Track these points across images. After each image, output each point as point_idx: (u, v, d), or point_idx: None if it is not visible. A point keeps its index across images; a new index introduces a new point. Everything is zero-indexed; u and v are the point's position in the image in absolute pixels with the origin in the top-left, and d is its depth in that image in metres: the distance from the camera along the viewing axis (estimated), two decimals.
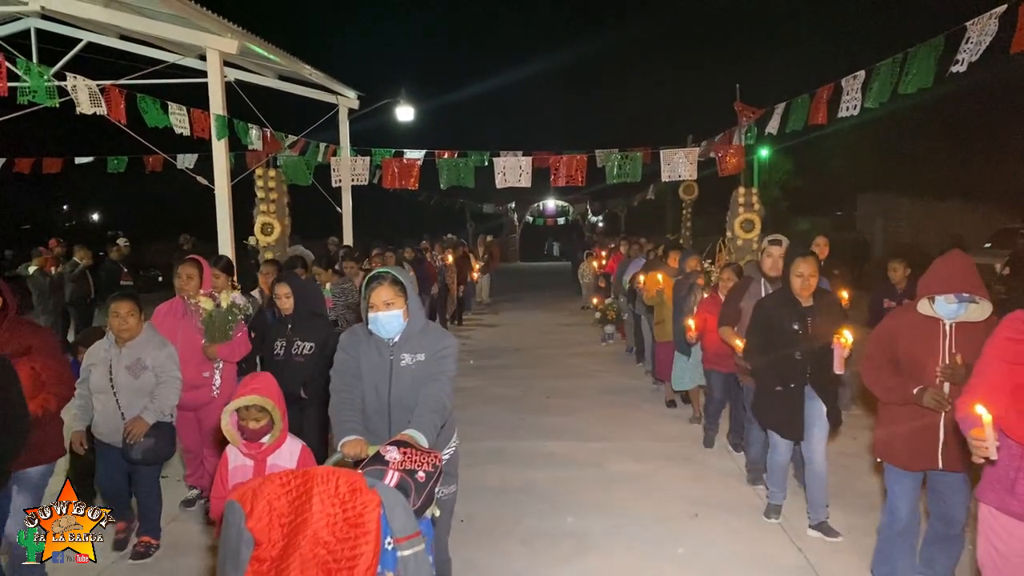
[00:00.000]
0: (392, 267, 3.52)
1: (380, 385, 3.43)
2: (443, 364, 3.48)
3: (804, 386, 4.62)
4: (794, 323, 4.54)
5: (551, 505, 5.39)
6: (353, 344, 3.51)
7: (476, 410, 8.09)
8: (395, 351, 3.43)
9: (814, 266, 4.54)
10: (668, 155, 9.70)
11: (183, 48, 9.95)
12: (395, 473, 2.71)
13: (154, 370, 4.51)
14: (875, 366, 3.85)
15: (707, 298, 6.45)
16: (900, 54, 5.89)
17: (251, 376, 3.44)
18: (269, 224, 9.68)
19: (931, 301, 3.63)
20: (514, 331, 14.31)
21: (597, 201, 36.66)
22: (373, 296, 3.35)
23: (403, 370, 3.41)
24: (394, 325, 3.39)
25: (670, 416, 7.75)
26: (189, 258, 5.30)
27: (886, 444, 3.88)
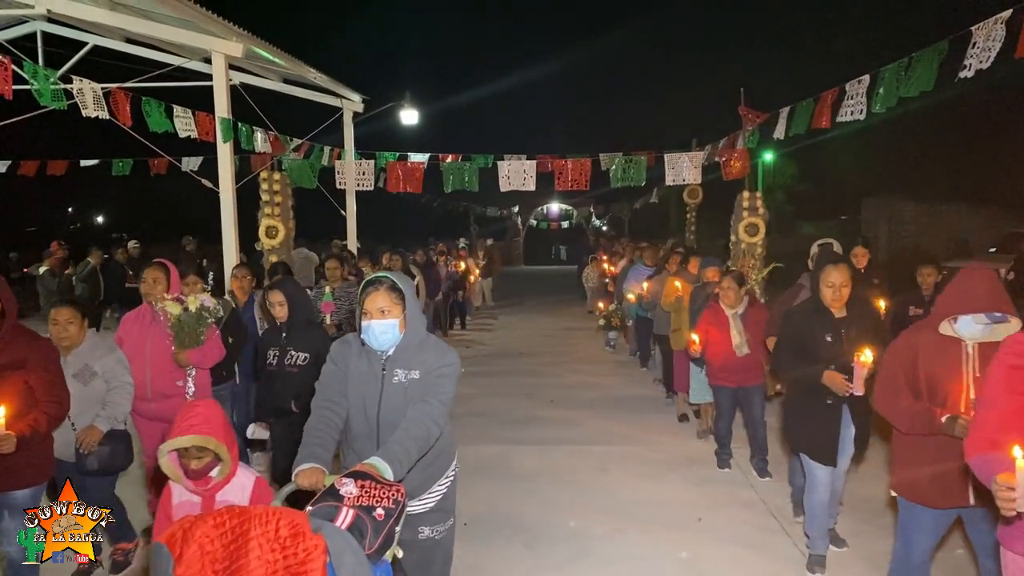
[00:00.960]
0: (392, 272, 3.21)
1: (368, 403, 3.10)
2: (439, 385, 3.08)
3: (842, 404, 4.19)
4: (827, 335, 4.15)
5: (554, 509, 5.38)
6: (343, 355, 3.18)
7: (480, 413, 8.10)
8: (388, 365, 3.10)
9: (847, 275, 4.14)
10: (672, 159, 9.69)
11: (188, 51, 9.97)
12: (349, 511, 2.40)
13: (104, 376, 4.32)
14: (893, 390, 3.44)
15: (708, 308, 6.16)
16: (905, 59, 5.88)
17: (188, 407, 3.02)
18: (274, 227, 9.70)
19: (953, 321, 3.29)
20: (518, 335, 14.31)
21: (601, 205, 36.67)
22: (368, 302, 3.03)
23: (395, 388, 3.07)
24: (388, 336, 3.05)
25: (674, 421, 7.73)
26: (155, 261, 5.05)
27: (908, 480, 3.45)
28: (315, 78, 11.63)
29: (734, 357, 5.82)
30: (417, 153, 11.58)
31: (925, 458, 3.33)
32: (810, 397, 4.23)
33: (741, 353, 5.78)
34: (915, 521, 3.47)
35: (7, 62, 7.45)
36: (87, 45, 10.49)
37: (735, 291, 5.93)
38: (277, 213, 9.78)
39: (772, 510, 5.28)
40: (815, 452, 4.27)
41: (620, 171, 9.74)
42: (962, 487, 3.23)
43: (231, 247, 9.00)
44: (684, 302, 7.23)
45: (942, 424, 3.20)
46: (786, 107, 8.17)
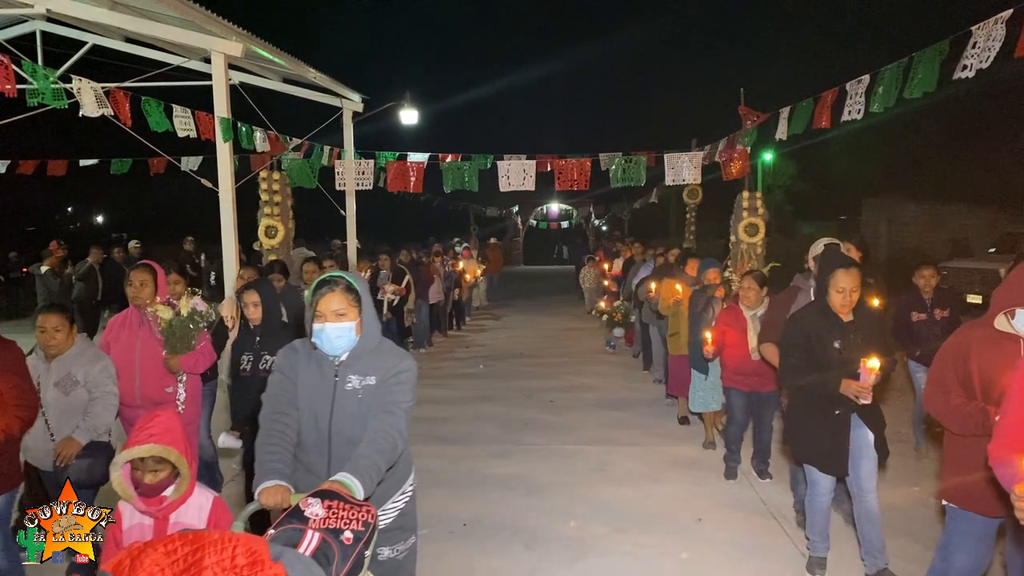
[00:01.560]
0: (346, 272, 3.00)
1: (320, 412, 2.88)
2: (398, 392, 2.90)
3: (851, 413, 3.97)
4: (835, 340, 3.93)
5: (554, 509, 5.38)
6: (291, 363, 2.96)
7: (479, 414, 8.10)
8: (341, 371, 2.89)
9: (857, 279, 3.90)
10: (672, 159, 9.67)
11: (188, 51, 9.96)
12: (315, 534, 2.23)
13: (87, 385, 4.15)
14: (944, 391, 3.28)
15: (726, 309, 5.99)
16: (905, 59, 5.87)
17: (148, 416, 2.85)
18: (273, 227, 9.69)
19: (1010, 316, 3.11)
20: (517, 335, 14.30)
21: (601, 205, 36.67)
22: (321, 304, 2.82)
23: (348, 395, 2.87)
24: (344, 340, 2.85)
25: (675, 423, 7.72)
26: (141, 264, 4.89)
27: (958, 485, 3.25)
28: (315, 78, 11.63)
29: (749, 360, 5.63)
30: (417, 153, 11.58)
31: (979, 461, 3.06)
32: (817, 407, 4.04)
33: (757, 356, 5.52)
34: (959, 533, 3.26)
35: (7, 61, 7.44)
36: (87, 44, 10.49)
37: (756, 291, 5.70)
38: (276, 213, 9.77)
39: (772, 511, 5.28)
40: (824, 464, 4.08)
41: (620, 171, 9.73)
42: None
43: (230, 247, 8.98)
44: (683, 306, 7.06)
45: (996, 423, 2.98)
46: (786, 107, 8.16)
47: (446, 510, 5.36)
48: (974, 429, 3.13)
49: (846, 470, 4.04)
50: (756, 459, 5.99)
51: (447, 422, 7.79)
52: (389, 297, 8.92)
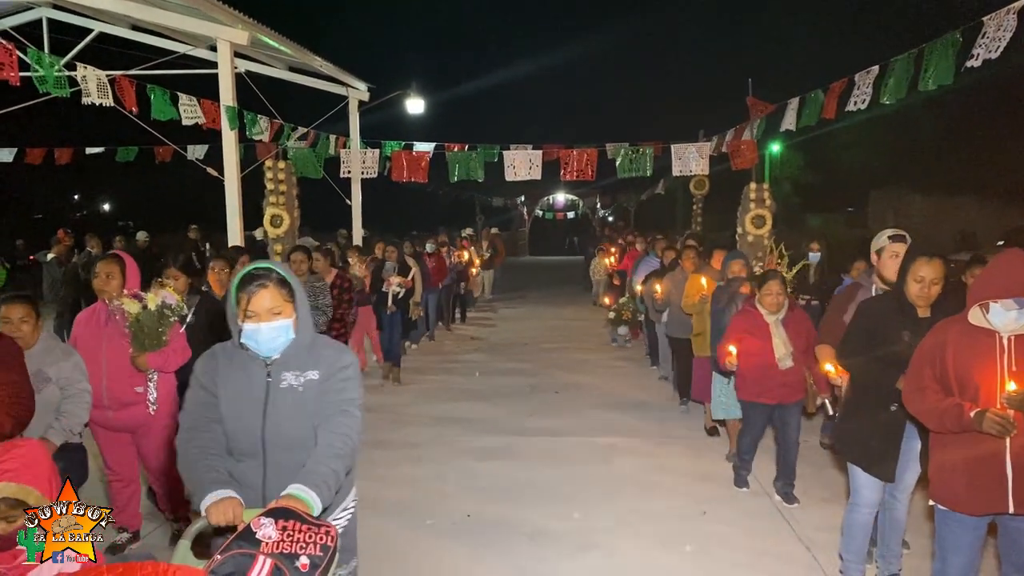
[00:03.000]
0: (275, 263, 2.69)
1: (251, 417, 2.57)
2: (348, 389, 2.65)
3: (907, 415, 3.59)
4: (905, 332, 3.62)
5: (557, 501, 5.36)
6: (210, 373, 2.64)
7: (484, 405, 8.09)
8: (274, 370, 2.61)
9: (940, 271, 3.59)
10: (679, 149, 9.64)
11: (194, 39, 9.95)
12: (267, 560, 2.04)
13: (59, 383, 3.91)
14: (919, 386, 3.21)
15: (741, 313, 5.33)
16: (915, 49, 5.82)
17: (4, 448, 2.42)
18: (278, 216, 9.68)
19: (985, 310, 3.04)
20: (523, 326, 14.28)
21: (607, 195, 36.61)
22: (254, 302, 2.52)
23: (283, 393, 2.59)
24: (280, 340, 2.58)
25: (678, 414, 7.70)
26: (109, 254, 4.60)
27: (942, 484, 3.20)
28: (321, 66, 11.61)
29: (775, 371, 5.02)
30: (423, 142, 11.57)
31: (959, 459, 3.10)
32: (872, 404, 3.78)
33: (784, 366, 4.98)
34: (953, 531, 3.20)
35: (12, 48, 7.43)
36: (93, 32, 10.47)
37: (781, 294, 5.09)
38: (282, 202, 9.76)
39: (777, 504, 5.25)
40: (871, 465, 3.80)
41: (627, 162, 9.69)
42: (999, 490, 3.03)
43: (236, 236, 8.99)
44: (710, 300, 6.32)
45: (971, 419, 2.94)
46: (794, 98, 8.12)
47: (449, 501, 5.36)
48: (951, 425, 3.06)
49: (893, 475, 3.77)
50: (780, 481, 5.37)
51: (450, 413, 7.79)
52: (395, 289, 8.82)
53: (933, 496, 3.26)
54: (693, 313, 6.69)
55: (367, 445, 6.65)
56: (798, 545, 4.64)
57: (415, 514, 5.14)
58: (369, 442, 6.75)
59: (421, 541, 4.75)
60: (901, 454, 3.75)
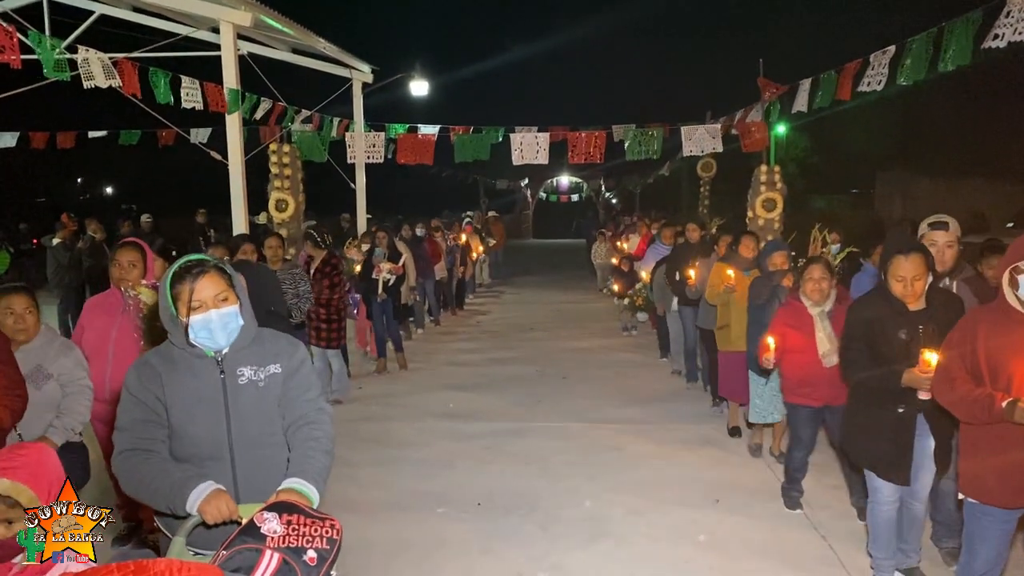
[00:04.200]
0: (207, 255, 2.64)
1: (211, 418, 2.43)
2: (312, 385, 2.61)
3: (917, 413, 3.56)
4: (900, 331, 3.53)
5: (569, 488, 5.31)
6: (148, 380, 2.43)
7: (492, 391, 8.02)
8: (227, 365, 2.47)
9: (921, 266, 3.46)
10: (689, 130, 9.50)
11: (196, 21, 9.80)
12: (274, 555, 1.99)
13: (59, 379, 3.76)
14: (950, 379, 3.08)
15: (783, 305, 4.94)
16: (935, 28, 5.68)
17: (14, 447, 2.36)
18: (283, 200, 9.59)
19: (1014, 287, 2.88)
20: (528, 310, 14.24)
21: (612, 178, 36.39)
22: (198, 290, 2.38)
23: (243, 390, 2.46)
24: (233, 327, 2.45)
25: (689, 399, 7.64)
26: (128, 242, 4.40)
27: (972, 476, 3.10)
28: (324, 48, 11.46)
29: (819, 368, 4.56)
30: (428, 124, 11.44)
31: (990, 450, 2.99)
32: (878, 404, 3.66)
33: (829, 363, 4.48)
34: (984, 524, 3.11)
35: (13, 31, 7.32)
36: (94, 14, 10.34)
37: (828, 283, 4.61)
38: (287, 186, 9.67)
39: None
40: (884, 469, 3.69)
41: (636, 143, 9.56)
42: None
43: (240, 220, 8.90)
44: (737, 295, 5.95)
45: (1002, 410, 2.82)
46: (807, 79, 7.98)
47: (458, 490, 5.30)
48: (981, 416, 2.94)
49: (908, 479, 3.65)
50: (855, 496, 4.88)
51: (457, 399, 7.72)
52: (384, 276, 8.55)
53: (963, 489, 3.17)
54: (718, 304, 6.28)
55: (374, 432, 6.62)
56: (813, 534, 4.58)
57: (425, 503, 5.09)
58: (376, 430, 6.72)
59: (432, 530, 4.70)
60: (914, 455, 3.63)
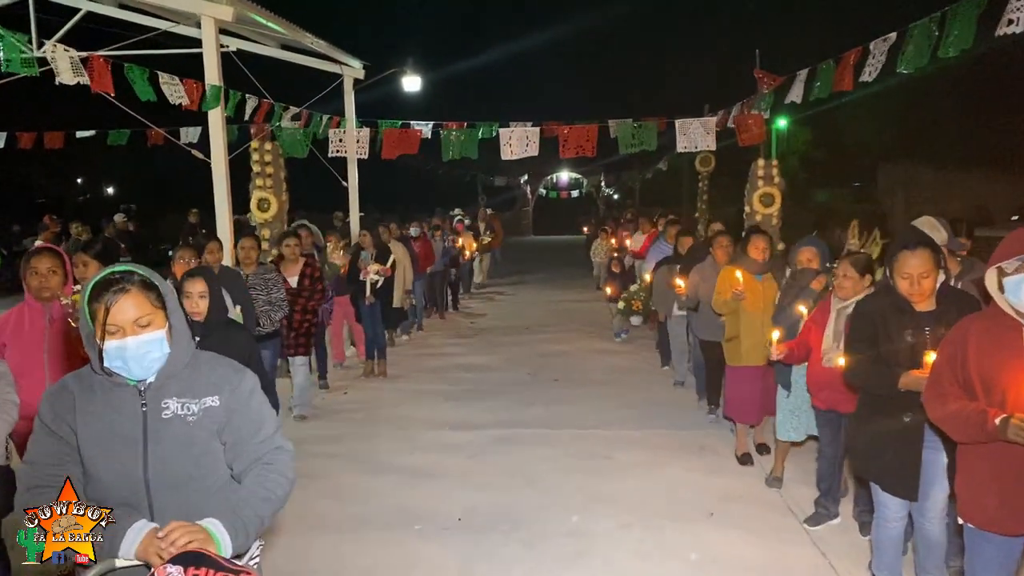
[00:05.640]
0: (136, 265, 2.18)
1: (127, 459, 2.09)
2: (265, 418, 2.24)
3: (924, 422, 3.19)
4: (906, 332, 3.29)
5: (555, 500, 5.06)
6: (60, 410, 2.13)
7: (481, 396, 7.76)
8: (150, 397, 2.13)
9: (929, 263, 3.22)
10: (684, 125, 9.22)
11: (177, 15, 9.57)
12: None
13: None
14: (939, 392, 2.82)
15: (821, 303, 4.54)
16: (937, 14, 5.40)
17: None
18: (266, 200, 9.31)
19: (1001, 289, 2.65)
20: (523, 309, 14.01)
21: (611, 173, 36.09)
22: (114, 312, 2.04)
23: (167, 425, 2.12)
24: (154, 355, 2.10)
25: (684, 402, 7.39)
26: (42, 248, 4.09)
27: (971, 501, 2.85)
28: (313, 43, 11.21)
29: (821, 368, 4.28)
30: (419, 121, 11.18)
31: (989, 472, 2.75)
32: (884, 412, 3.41)
33: (828, 362, 4.19)
34: (982, 554, 2.86)
35: None
36: (80, 11, 10.12)
37: (854, 280, 4.20)
38: (269, 185, 9.40)
39: (790, 504, 4.93)
40: (889, 482, 3.44)
41: (628, 136, 9.29)
42: None
43: (224, 220, 8.67)
44: (748, 302, 5.39)
45: (995, 427, 2.56)
46: (804, 69, 7.71)
47: (439, 504, 5.03)
48: (974, 434, 2.68)
49: (915, 494, 3.37)
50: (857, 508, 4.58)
51: (441, 406, 7.45)
52: (372, 278, 8.25)
53: (962, 514, 2.89)
54: (725, 313, 5.65)
55: (355, 442, 6.37)
56: (813, 550, 4.32)
57: (402, 519, 4.82)
58: (357, 439, 6.47)
59: (408, 549, 4.44)
60: (924, 468, 3.34)
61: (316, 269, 7.06)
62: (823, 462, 4.61)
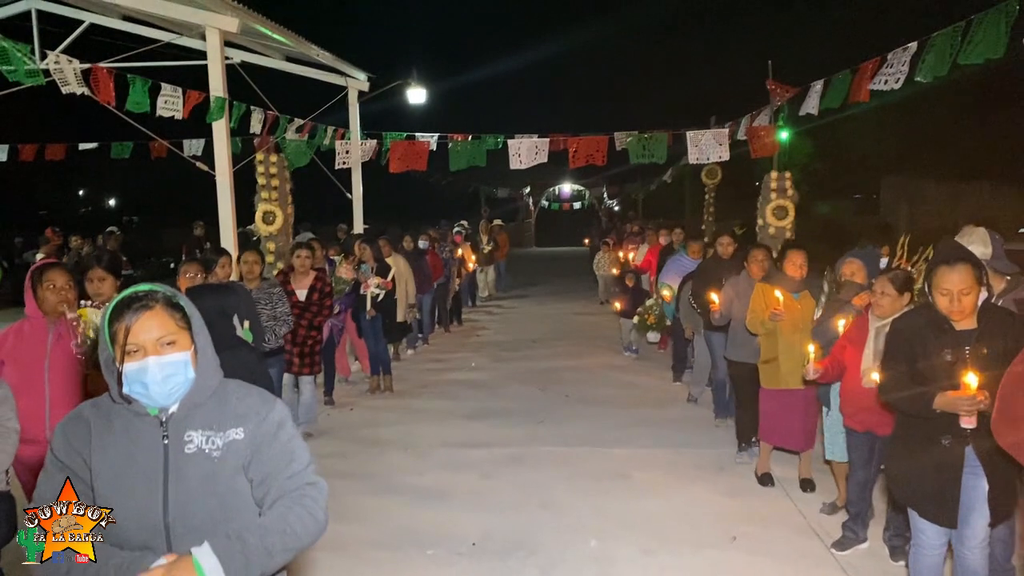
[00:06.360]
0: (159, 285, 2.03)
1: (145, 496, 1.90)
2: (296, 453, 2.03)
3: (965, 446, 3.13)
4: (944, 352, 3.16)
5: (573, 523, 4.89)
6: (76, 439, 1.95)
7: (490, 413, 7.59)
8: (172, 428, 1.95)
9: (970, 278, 3.08)
10: (696, 136, 9.11)
11: (183, 27, 9.50)
12: None
13: None
14: (1013, 417, 2.69)
15: (858, 317, 4.36)
16: (961, 22, 5.28)
17: None
18: (271, 212, 9.18)
19: None
20: (530, 322, 13.83)
21: (614, 185, 36.00)
22: (135, 331, 1.88)
23: (190, 460, 1.93)
24: (178, 379, 1.92)
25: (700, 417, 7.22)
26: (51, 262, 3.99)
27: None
28: (318, 55, 11.15)
29: (860, 389, 4.10)
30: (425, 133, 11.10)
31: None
32: (922, 434, 3.27)
33: (867, 383, 3.99)
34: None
35: None
36: (84, 23, 10.07)
37: (893, 298, 4.03)
38: (274, 198, 9.27)
39: (815, 527, 4.76)
40: (927, 508, 3.29)
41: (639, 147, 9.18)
42: None
43: (229, 233, 8.56)
44: (784, 322, 5.09)
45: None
46: (818, 80, 7.60)
47: (452, 527, 4.87)
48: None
49: (955, 521, 3.22)
50: (889, 531, 4.38)
51: (451, 423, 7.27)
52: (373, 292, 8.03)
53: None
54: (760, 333, 5.34)
55: (363, 460, 6.19)
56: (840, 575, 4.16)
57: (413, 542, 4.66)
58: (365, 457, 6.31)
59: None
60: (964, 494, 3.18)
61: (327, 284, 6.90)
62: (853, 485, 4.43)
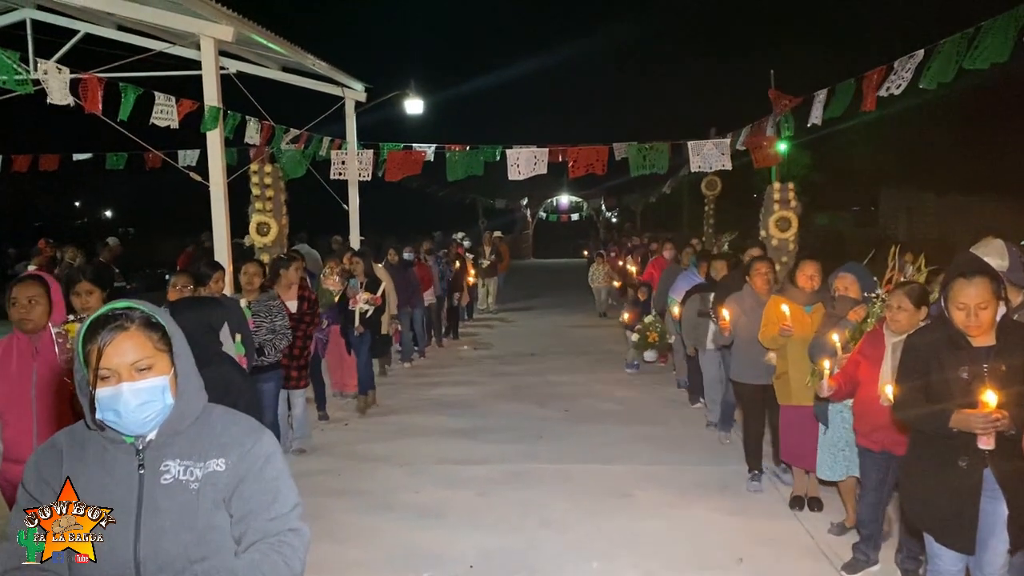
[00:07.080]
0: (140, 302, 1.87)
1: (117, 532, 1.77)
2: (281, 492, 1.90)
3: (983, 468, 3.02)
4: (961, 369, 3.05)
5: (573, 544, 4.74)
6: (48, 470, 1.84)
7: (487, 429, 7.42)
8: (149, 457, 1.82)
9: (987, 292, 2.98)
10: (697, 146, 9.01)
11: (177, 36, 9.41)
12: None
13: None
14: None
15: (870, 332, 4.22)
16: (970, 29, 5.18)
17: None
18: (265, 224, 9.04)
19: None
20: (528, 335, 13.68)
21: (612, 196, 35.94)
22: (109, 353, 1.74)
23: (166, 492, 1.80)
24: (154, 405, 1.79)
25: (703, 436, 7.07)
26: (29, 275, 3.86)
27: None
28: (314, 65, 11.06)
29: (878, 405, 3.91)
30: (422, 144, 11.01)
31: None
32: (938, 456, 3.14)
33: (886, 401, 3.78)
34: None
35: None
36: (79, 33, 9.98)
37: (909, 313, 3.86)
38: (269, 208, 9.14)
39: (824, 549, 4.61)
40: (943, 532, 3.16)
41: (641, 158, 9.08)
42: None
43: (223, 245, 8.42)
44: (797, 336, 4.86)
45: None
46: (822, 90, 7.50)
47: (449, 547, 4.71)
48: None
49: (972, 546, 3.09)
50: (901, 554, 4.20)
51: (447, 439, 7.10)
52: (362, 307, 7.81)
53: None
54: (773, 349, 5.16)
55: (356, 477, 6.01)
56: None
57: (409, 564, 4.50)
58: (358, 475, 6.14)
59: None
60: (982, 518, 3.06)
61: (312, 292, 6.84)
62: (865, 506, 4.27)
